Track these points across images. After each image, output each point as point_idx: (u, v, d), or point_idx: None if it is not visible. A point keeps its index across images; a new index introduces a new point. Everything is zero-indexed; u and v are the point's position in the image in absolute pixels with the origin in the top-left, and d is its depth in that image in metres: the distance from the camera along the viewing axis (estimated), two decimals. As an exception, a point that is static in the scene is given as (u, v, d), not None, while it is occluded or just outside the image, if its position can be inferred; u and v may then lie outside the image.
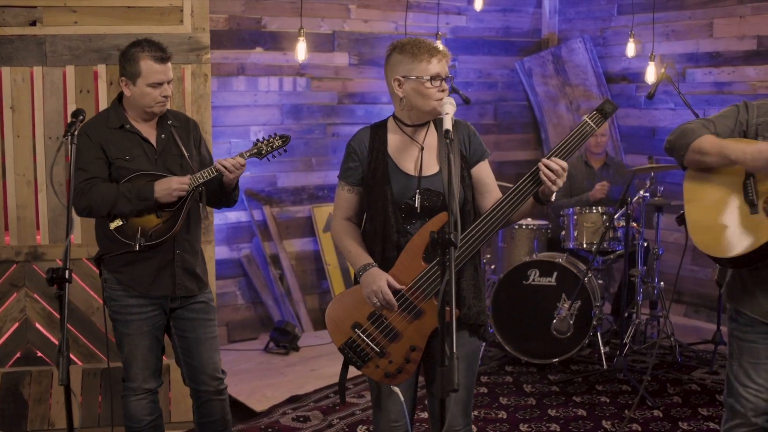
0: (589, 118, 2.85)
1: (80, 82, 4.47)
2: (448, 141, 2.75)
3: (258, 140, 3.56)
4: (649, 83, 5.71)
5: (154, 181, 3.38)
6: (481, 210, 3.04)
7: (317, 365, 5.53)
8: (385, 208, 2.98)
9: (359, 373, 5.17)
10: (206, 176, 3.41)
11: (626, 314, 5.59)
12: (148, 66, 3.39)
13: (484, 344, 3.18)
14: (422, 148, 3.03)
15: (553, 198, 2.90)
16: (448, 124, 2.81)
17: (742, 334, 3.07)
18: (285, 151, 3.58)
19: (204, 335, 3.56)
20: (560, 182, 2.79)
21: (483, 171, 3.07)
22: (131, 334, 3.46)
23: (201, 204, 3.48)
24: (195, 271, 3.54)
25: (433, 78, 2.93)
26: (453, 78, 3.05)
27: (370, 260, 2.98)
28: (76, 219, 4.48)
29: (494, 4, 7.25)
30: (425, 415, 4.31)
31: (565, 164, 2.80)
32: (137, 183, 3.39)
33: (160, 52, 3.43)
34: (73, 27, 4.43)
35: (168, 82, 3.45)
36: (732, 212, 2.97)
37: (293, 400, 4.90)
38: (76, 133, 3.10)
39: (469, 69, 7.32)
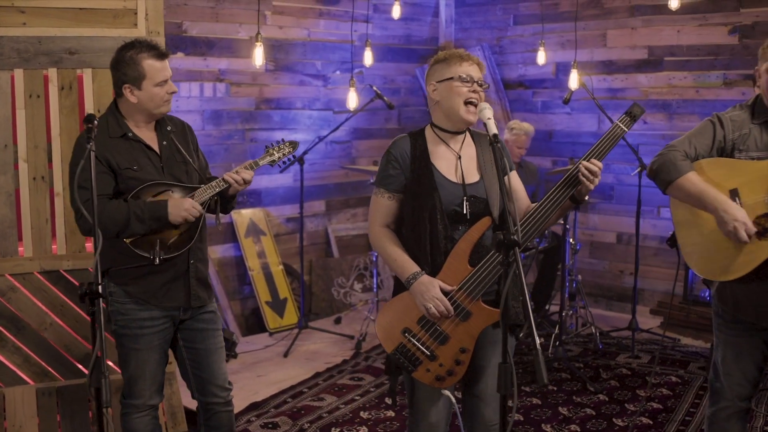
0: (620, 121, 2.91)
1: (29, 86, 4.10)
2: (498, 145, 2.76)
3: (268, 147, 3.41)
4: (573, 88, 5.91)
5: (161, 195, 3.16)
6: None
7: (262, 371, 5.35)
8: (432, 215, 2.94)
9: (307, 376, 5.16)
10: (215, 188, 3.24)
11: (548, 306, 5.77)
12: (150, 66, 3.18)
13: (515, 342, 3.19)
14: (459, 157, 3.01)
15: (587, 199, 2.95)
16: (494, 129, 2.81)
17: (728, 330, 3.22)
18: (294, 157, 3.45)
19: (213, 346, 3.37)
20: (597, 181, 2.84)
21: (514, 179, 3.08)
22: (141, 349, 3.21)
23: (216, 214, 3.31)
24: (207, 280, 3.34)
25: (462, 78, 2.93)
26: (488, 86, 3.03)
27: (418, 268, 2.94)
28: (28, 231, 4.15)
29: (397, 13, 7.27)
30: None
31: (601, 165, 2.85)
32: (146, 198, 3.15)
33: (157, 49, 3.22)
34: (21, 28, 4.06)
35: (170, 78, 3.25)
36: (721, 237, 2.99)
37: (253, 407, 4.72)
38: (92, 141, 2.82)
39: (375, 75, 7.30)
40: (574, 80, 5.85)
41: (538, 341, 2.47)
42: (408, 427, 3.13)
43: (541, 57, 6.50)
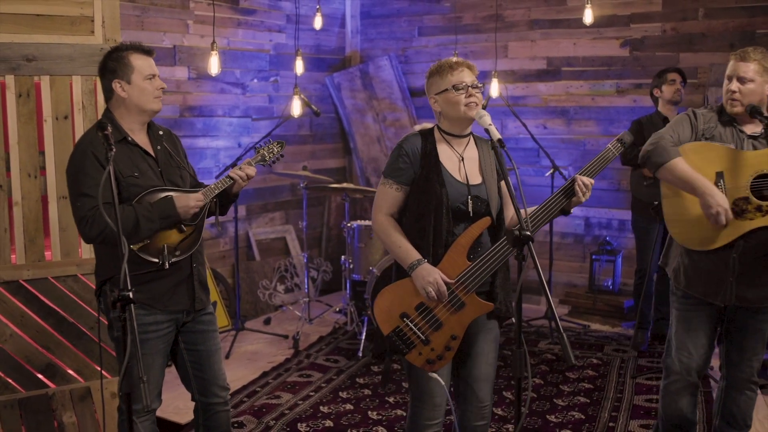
0: (612, 146, 3.09)
1: (-14, 93, 3.90)
2: (504, 149, 2.90)
3: (258, 147, 3.39)
4: (494, 97, 6.12)
5: (166, 197, 3.09)
6: (504, 218, 3.20)
7: (208, 373, 5.24)
8: (438, 210, 3.03)
9: (255, 376, 5.11)
10: (221, 187, 3.19)
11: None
12: (138, 59, 3.15)
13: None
14: (462, 159, 3.11)
15: (572, 210, 3.12)
16: (497, 134, 2.94)
17: (679, 305, 3.53)
18: (282, 156, 3.44)
19: (214, 347, 3.31)
20: (588, 195, 3.02)
21: (506, 185, 3.20)
22: (146, 354, 3.10)
23: (216, 215, 3.25)
24: (206, 283, 3.28)
25: (455, 86, 3.04)
26: (483, 86, 3.15)
27: (420, 255, 3.02)
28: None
29: (307, 23, 7.29)
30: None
31: (593, 181, 3.03)
32: (150, 200, 3.06)
33: (142, 47, 3.21)
34: (-23, 35, 3.85)
35: (158, 75, 3.20)
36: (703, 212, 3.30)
37: (213, 408, 4.62)
38: (114, 149, 2.72)
39: (289, 83, 7.28)
40: (495, 88, 6.06)
41: (560, 326, 2.60)
42: (411, 411, 3.18)
43: (455, 67, 6.69)
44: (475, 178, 3.12)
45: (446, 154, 3.12)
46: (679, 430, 3.55)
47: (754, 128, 3.38)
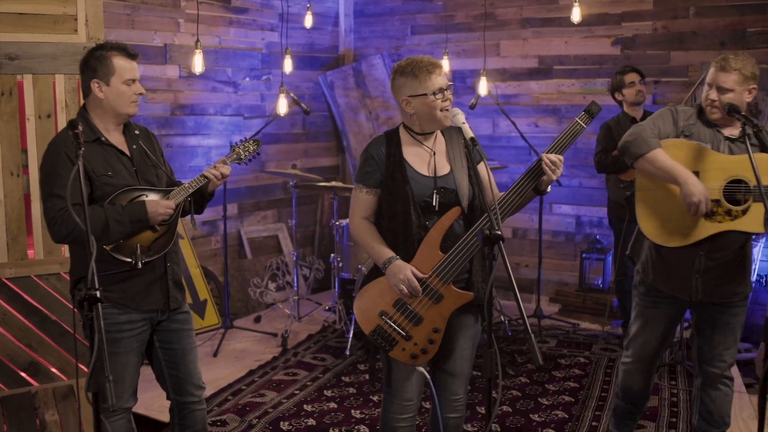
0: (579, 118, 3.04)
1: (-32, 92, 3.88)
2: (475, 147, 2.89)
3: (234, 145, 3.38)
4: (482, 94, 6.09)
5: (138, 200, 3.06)
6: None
7: (196, 371, 5.23)
8: (406, 207, 3.03)
9: (242, 374, 5.09)
10: (195, 186, 3.17)
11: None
12: (120, 62, 3.10)
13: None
14: (433, 153, 3.10)
15: (549, 189, 3.07)
16: (469, 133, 2.93)
17: (641, 301, 3.61)
18: (258, 154, 3.43)
19: (189, 345, 3.30)
20: (559, 172, 2.97)
21: (482, 170, 3.17)
22: (119, 353, 3.10)
23: (191, 214, 3.23)
24: (181, 282, 3.27)
25: (435, 92, 3.01)
26: (453, 85, 3.13)
27: (393, 254, 3.03)
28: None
29: (300, 22, 7.27)
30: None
31: (562, 157, 2.98)
32: (121, 202, 3.04)
33: (126, 49, 3.16)
34: (-41, 33, 3.84)
35: (139, 80, 3.17)
36: (675, 209, 3.30)
37: (197, 406, 4.60)
38: (82, 147, 2.70)
39: (280, 82, 7.26)
40: (483, 87, 6.04)
41: (529, 326, 2.58)
42: (383, 404, 3.22)
43: (446, 65, 6.67)
44: (443, 169, 3.11)
45: (413, 151, 3.11)
46: (629, 401, 3.72)
47: (732, 131, 3.36)
